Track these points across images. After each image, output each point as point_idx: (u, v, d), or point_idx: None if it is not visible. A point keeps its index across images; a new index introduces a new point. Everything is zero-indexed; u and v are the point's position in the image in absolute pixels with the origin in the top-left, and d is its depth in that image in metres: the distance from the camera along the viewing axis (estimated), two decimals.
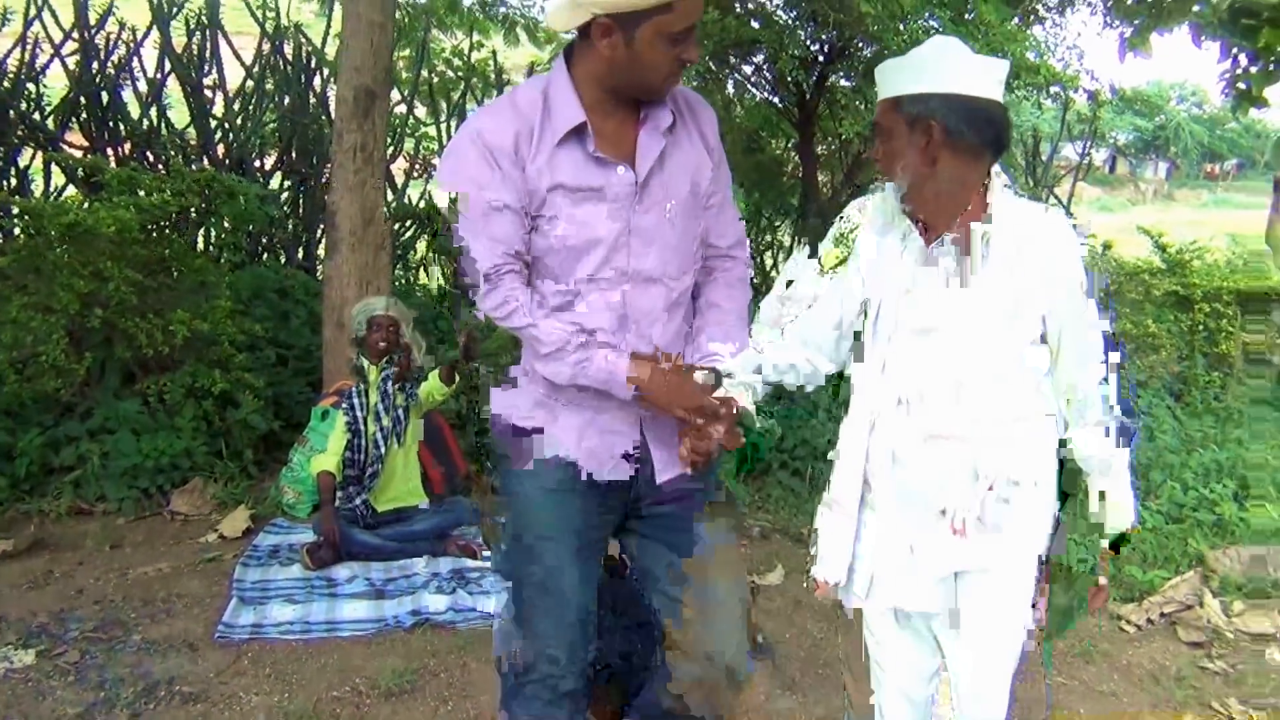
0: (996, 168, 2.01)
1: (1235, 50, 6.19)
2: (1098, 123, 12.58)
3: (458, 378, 4.61)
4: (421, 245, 9.21)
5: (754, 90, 10.28)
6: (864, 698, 2.29)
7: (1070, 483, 2.08)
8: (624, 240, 2.07)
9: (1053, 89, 8.62)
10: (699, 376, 2.08)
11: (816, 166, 10.43)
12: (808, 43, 9.10)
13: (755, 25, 8.60)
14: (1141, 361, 7.38)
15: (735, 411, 2.07)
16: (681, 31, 1.95)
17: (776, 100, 10.32)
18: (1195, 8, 8.15)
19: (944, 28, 7.37)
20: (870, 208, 2.13)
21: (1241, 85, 6.18)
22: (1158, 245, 7.67)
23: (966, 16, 7.32)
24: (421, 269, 9.37)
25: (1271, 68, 5.98)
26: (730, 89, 10.30)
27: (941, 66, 1.92)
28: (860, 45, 8.89)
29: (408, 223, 8.68)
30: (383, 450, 4.59)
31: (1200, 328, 7.33)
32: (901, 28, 7.65)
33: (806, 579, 2.17)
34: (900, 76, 1.96)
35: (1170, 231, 8.08)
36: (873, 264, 2.06)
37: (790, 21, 8.79)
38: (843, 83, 9.57)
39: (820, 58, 9.31)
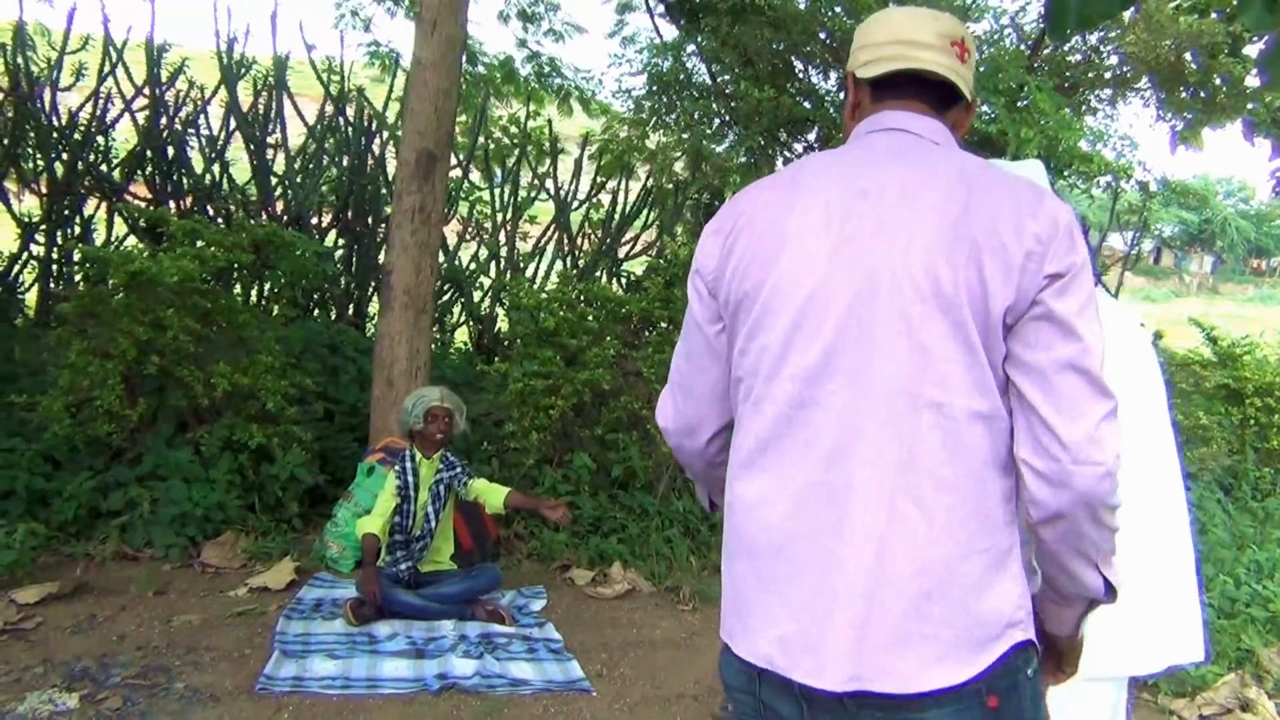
0: None
1: None
2: (1147, 213, 12.58)
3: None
4: (457, 309, 9.34)
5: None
6: None
7: None
8: None
9: (1103, 178, 8.65)
10: None
11: None
12: None
13: (807, 105, 8.71)
14: (1192, 454, 7.29)
15: None
16: None
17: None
18: (1249, 105, 8.21)
19: (997, 114, 7.44)
20: None
21: None
22: (1209, 337, 7.62)
23: (1020, 104, 7.38)
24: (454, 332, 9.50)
25: None
26: (780, 165, 10.39)
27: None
28: None
29: (445, 286, 8.79)
30: (433, 525, 4.61)
31: (1251, 422, 7.25)
32: None
33: None
34: None
35: (1216, 325, 8.04)
36: None
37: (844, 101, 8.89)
38: None
39: None
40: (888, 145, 1.54)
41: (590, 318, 6.05)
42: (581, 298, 6.30)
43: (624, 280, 9.76)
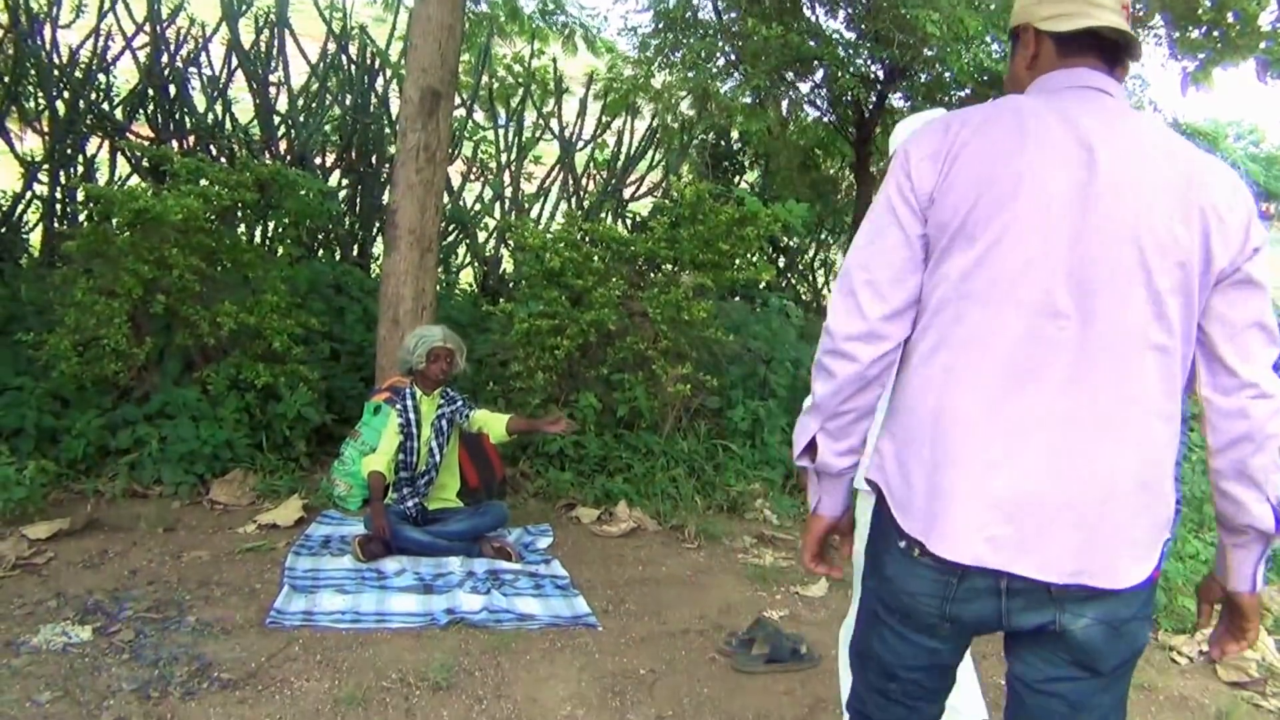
0: None
1: None
2: None
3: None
4: (461, 250, 9.31)
5: (809, 108, 10.28)
6: None
7: None
8: None
9: None
10: None
11: (871, 187, 10.41)
12: (867, 62, 9.10)
13: (813, 44, 8.59)
14: (1191, 397, 7.29)
15: None
16: None
17: (832, 119, 10.31)
18: (1263, 45, 8.08)
19: (1006, 50, 7.34)
20: None
21: None
22: None
23: None
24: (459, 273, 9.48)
25: None
26: (785, 107, 10.30)
27: None
28: (919, 67, 8.86)
29: (449, 226, 8.75)
30: (438, 459, 4.63)
31: None
32: (964, 51, 7.62)
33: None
34: None
35: None
36: None
37: (852, 40, 8.78)
38: (901, 103, 9.54)
39: (879, 77, 9.30)
40: (1101, 106, 1.69)
41: (596, 258, 6.02)
42: (587, 238, 6.26)
43: (629, 221, 9.71)
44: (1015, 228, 1.60)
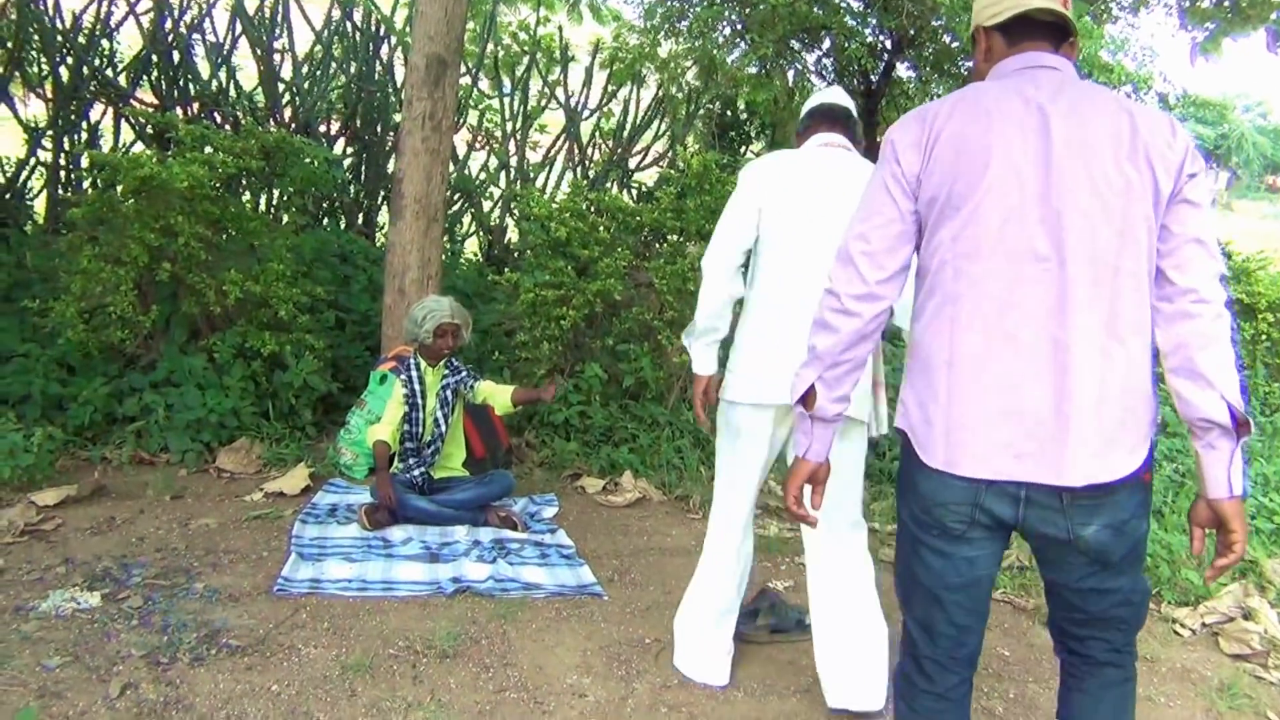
0: None
1: None
2: None
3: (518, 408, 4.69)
4: (467, 219, 9.28)
5: (816, 78, 10.21)
6: None
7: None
8: None
9: (1123, 89, 8.49)
10: None
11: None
12: (875, 32, 9.02)
13: (819, 12, 8.53)
14: None
15: None
16: None
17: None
18: (1274, 14, 8.01)
19: None
20: None
21: None
22: (1224, 252, 7.56)
23: None
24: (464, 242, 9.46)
25: None
26: (791, 77, 10.23)
27: None
28: (927, 37, 8.79)
29: (455, 195, 8.72)
30: (443, 430, 4.63)
31: (1263, 337, 7.22)
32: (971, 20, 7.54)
33: None
34: None
35: (1231, 240, 7.96)
36: None
37: (860, 10, 8.70)
38: (908, 73, 9.48)
39: (887, 47, 9.22)
40: (1048, 79, 1.99)
41: (602, 228, 5.99)
42: (593, 208, 6.24)
43: (635, 191, 9.67)
44: (992, 191, 1.91)
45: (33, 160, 7.56)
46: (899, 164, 1.99)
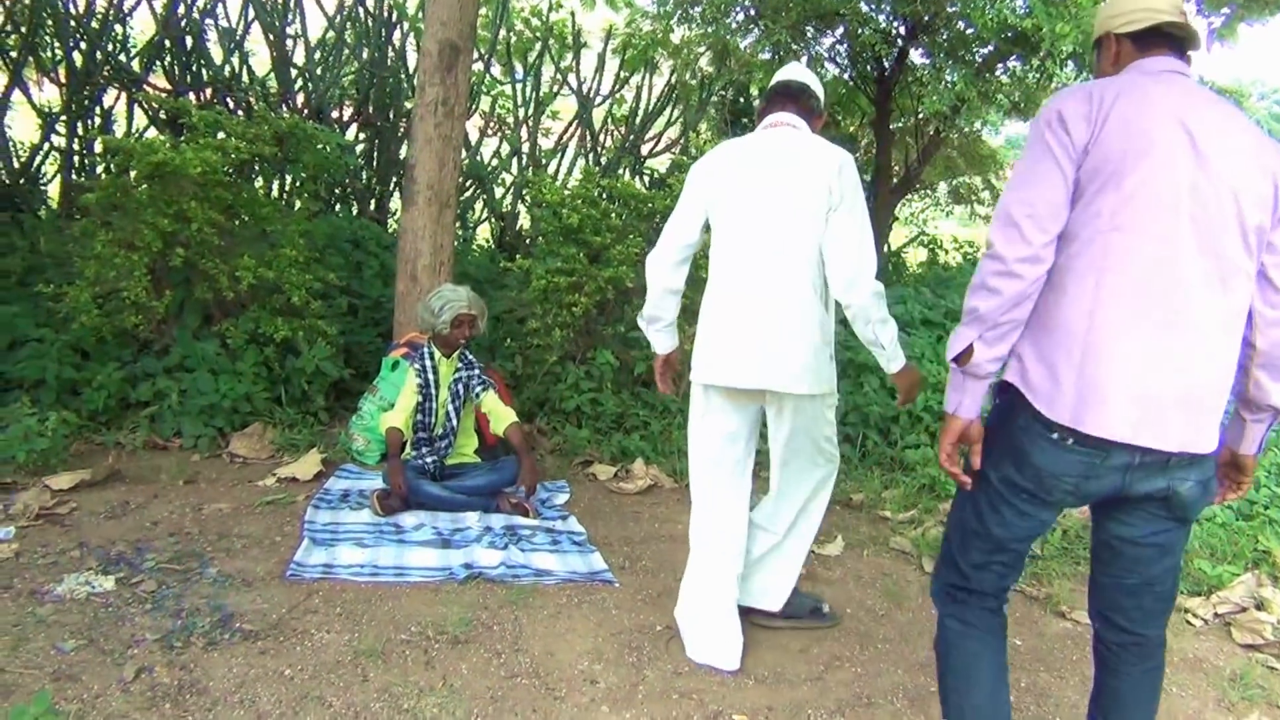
0: None
1: None
2: None
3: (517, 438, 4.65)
4: (479, 206, 9.27)
5: (829, 65, 10.16)
6: None
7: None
8: None
9: None
10: None
11: (891, 144, 10.30)
12: (889, 18, 8.97)
13: None
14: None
15: None
16: None
17: (852, 75, 10.19)
18: None
19: (1031, 7, 7.23)
20: None
21: None
22: None
23: None
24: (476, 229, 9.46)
25: None
26: (805, 62, 10.17)
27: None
28: (941, 23, 8.73)
29: (467, 182, 8.71)
30: (455, 424, 4.63)
31: None
32: (987, 7, 7.51)
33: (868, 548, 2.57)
34: None
35: None
36: None
37: None
38: (922, 60, 9.42)
39: (901, 34, 9.17)
40: (1182, 86, 2.16)
41: (614, 215, 5.99)
42: (605, 195, 6.23)
43: (647, 177, 9.65)
44: (1152, 177, 2.04)
45: (47, 145, 7.58)
46: (1068, 133, 2.10)
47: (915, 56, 9.52)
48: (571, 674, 3.15)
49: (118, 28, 7.70)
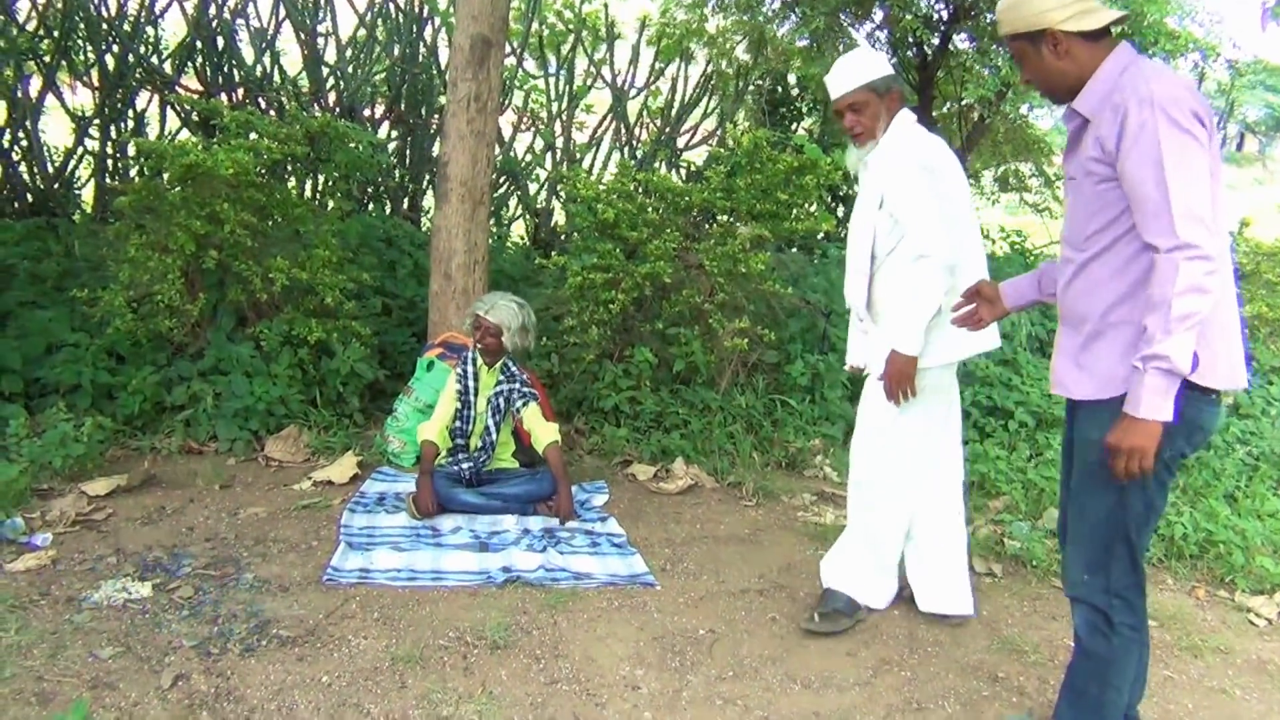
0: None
1: None
2: (1234, 95, 12.11)
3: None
4: (513, 202, 9.27)
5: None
6: None
7: None
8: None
9: (1190, 56, 8.27)
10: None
11: (934, 131, 10.17)
12: (931, 2, 8.87)
13: None
14: (1275, 347, 7.10)
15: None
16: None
17: (894, 62, 10.08)
18: None
19: None
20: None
21: None
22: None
23: None
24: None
25: None
26: (843, 50, 10.08)
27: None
28: (985, 6, 8.62)
29: (500, 178, 8.72)
30: (494, 438, 4.63)
31: None
32: None
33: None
34: None
35: None
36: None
37: None
38: (966, 45, 9.31)
39: (943, 18, 9.06)
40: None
41: (650, 209, 5.96)
42: (641, 189, 6.20)
43: (684, 171, 9.62)
44: (1217, 169, 2.28)
45: (80, 149, 7.67)
46: (1205, 127, 2.24)
47: (958, 41, 9.41)
48: (613, 679, 3.13)
49: (149, 30, 7.78)
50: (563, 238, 8.71)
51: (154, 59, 7.79)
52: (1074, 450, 2.59)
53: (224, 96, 7.77)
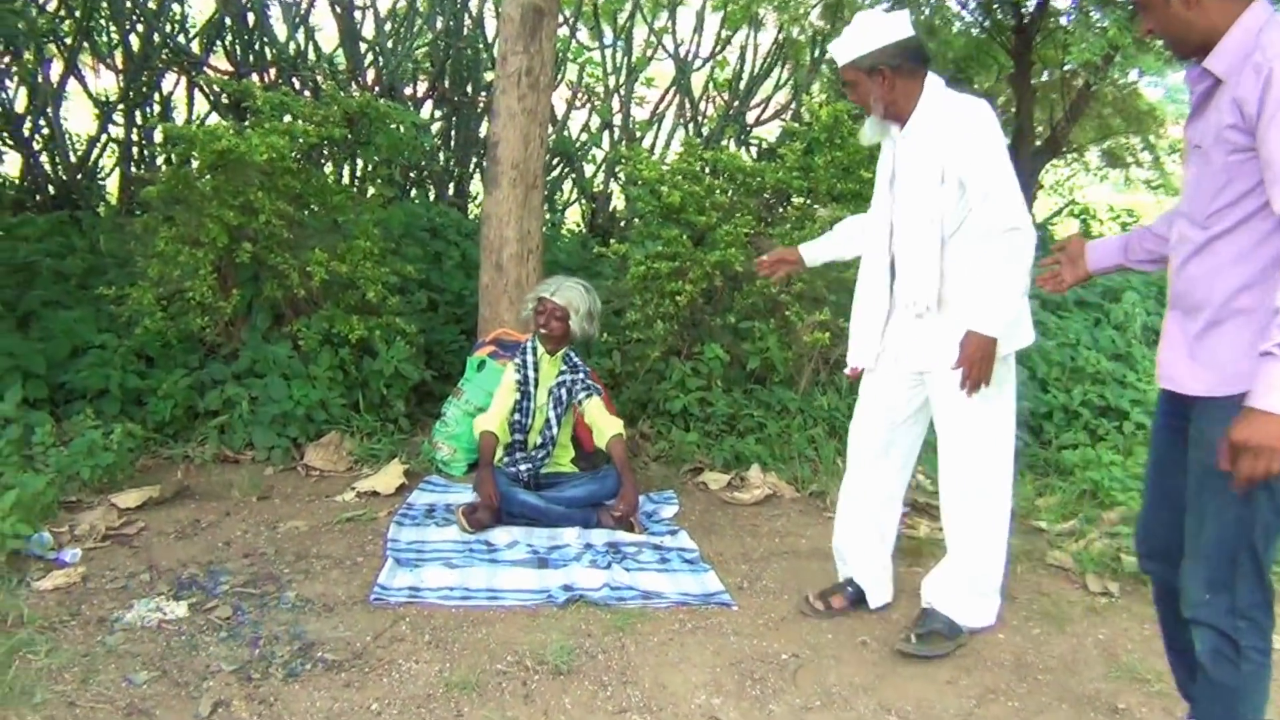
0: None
1: None
2: None
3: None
4: (567, 186, 9.28)
5: (960, 15, 9.94)
6: None
7: None
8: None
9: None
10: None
11: (1033, 102, 10.04)
12: None
13: None
14: None
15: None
16: None
17: (985, 26, 9.95)
18: None
19: None
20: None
21: None
22: None
23: None
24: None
25: None
26: (928, 13, 9.96)
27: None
28: None
29: (554, 160, 8.73)
30: (554, 432, 4.64)
31: None
32: None
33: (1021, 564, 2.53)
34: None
35: None
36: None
37: None
38: (1067, 4, 9.14)
39: None
40: None
41: (719, 191, 5.94)
42: (708, 169, 6.18)
43: (755, 148, 9.57)
44: None
45: (104, 136, 7.82)
46: None
47: (1058, 1, 9.26)
48: (687, 709, 3.11)
49: (175, 7, 7.92)
50: (623, 224, 8.72)
51: (181, 38, 7.93)
52: (1188, 452, 2.49)
53: (256, 77, 7.88)
